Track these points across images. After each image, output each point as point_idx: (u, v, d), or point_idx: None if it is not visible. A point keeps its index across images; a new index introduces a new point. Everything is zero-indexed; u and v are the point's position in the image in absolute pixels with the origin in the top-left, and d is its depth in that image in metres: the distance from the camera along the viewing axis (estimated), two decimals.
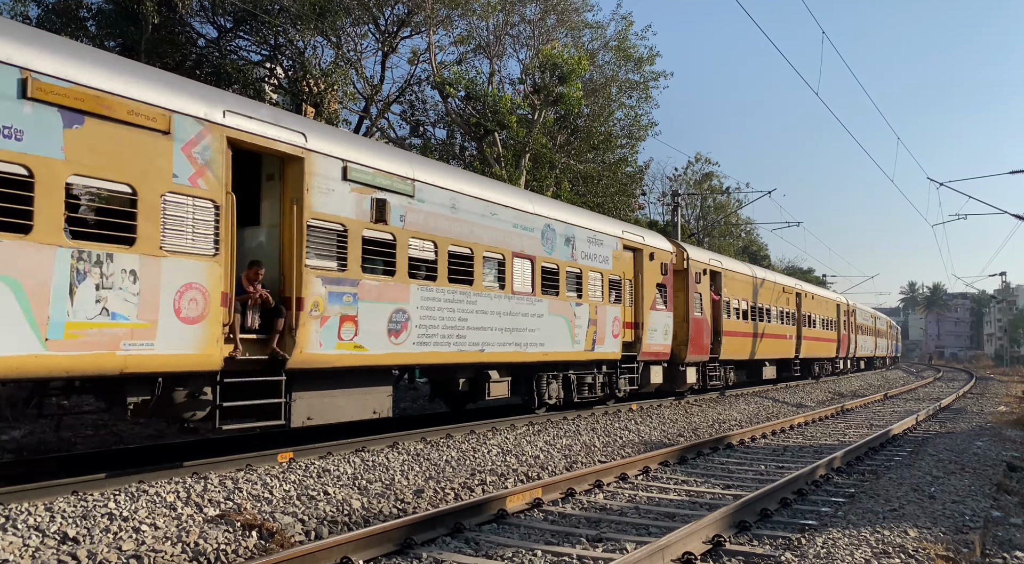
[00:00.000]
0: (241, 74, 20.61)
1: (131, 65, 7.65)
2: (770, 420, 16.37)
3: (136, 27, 18.09)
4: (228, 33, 21.53)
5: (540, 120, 23.72)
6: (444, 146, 26.44)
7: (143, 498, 6.55)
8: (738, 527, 6.60)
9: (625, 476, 9.10)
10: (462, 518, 6.55)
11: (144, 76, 7.45)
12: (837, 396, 25.25)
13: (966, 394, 28.32)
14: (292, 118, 9.20)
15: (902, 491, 8.09)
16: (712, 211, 50.84)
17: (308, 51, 21.28)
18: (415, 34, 24.06)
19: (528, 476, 9.08)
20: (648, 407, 17.13)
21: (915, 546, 5.79)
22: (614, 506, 7.69)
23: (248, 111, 8.32)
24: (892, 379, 39.71)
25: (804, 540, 6.10)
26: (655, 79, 29.25)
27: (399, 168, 10.32)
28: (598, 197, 27.57)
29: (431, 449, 9.92)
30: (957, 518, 6.94)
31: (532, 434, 11.77)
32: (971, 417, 18.21)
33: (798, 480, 8.42)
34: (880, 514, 6.97)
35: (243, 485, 7.26)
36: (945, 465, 10.03)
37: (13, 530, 5.56)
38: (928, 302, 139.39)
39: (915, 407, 20.86)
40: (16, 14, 18.15)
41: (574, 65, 22.15)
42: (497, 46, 26.46)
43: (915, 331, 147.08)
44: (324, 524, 6.55)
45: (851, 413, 18.83)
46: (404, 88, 25.01)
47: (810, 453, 11.61)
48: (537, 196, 14.75)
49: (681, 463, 10.40)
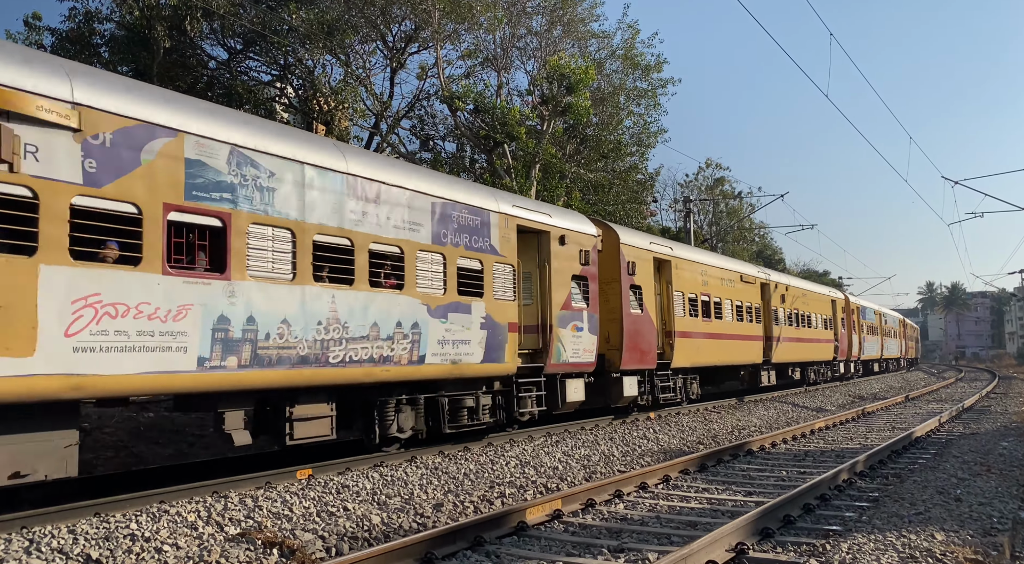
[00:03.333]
0: (252, 94, 20.86)
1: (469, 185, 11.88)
2: (790, 425, 16.21)
3: (148, 52, 18.38)
4: (238, 54, 21.81)
5: (549, 130, 23.79)
6: (454, 159, 26.57)
7: (164, 518, 6.58)
8: (761, 534, 6.53)
9: (645, 485, 9.04)
10: (482, 531, 6.52)
11: (475, 190, 11.70)
12: (858, 399, 24.98)
13: (989, 394, 27.93)
14: (560, 210, 13.99)
15: (927, 494, 7.98)
16: (725, 216, 50.70)
17: (317, 70, 21.50)
18: (423, 49, 24.26)
19: (547, 488, 9.04)
20: (667, 415, 17.02)
21: (943, 550, 5.70)
22: (635, 516, 7.63)
23: (522, 203, 12.82)
24: (913, 381, 39.26)
25: (829, 546, 6.02)
26: (663, 86, 29.31)
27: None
28: (609, 205, 27.58)
29: (449, 462, 9.90)
30: (984, 520, 6.83)
31: (550, 445, 11.72)
32: (995, 417, 17.95)
33: (821, 485, 8.32)
34: (906, 518, 6.87)
35: (263, 503, 7.27)
36: (970, 467, 9.88)
37: (37, 553, 5.59)
38: (947, 302, 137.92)
39: (938, 408, 20.59)
40: (31, 43, 18.48)
41: (581, 75, 22.22)
42: (504, 59, 26.59)
43: (935, 331, 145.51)
44: (344, 540, 6.54)
45: (872, 416, 18.61)
46: (413, 103, 25.20)
47: (832, 457, 11.48)
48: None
49: (701, 471, 10.31)
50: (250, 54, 21.89)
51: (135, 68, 18.56)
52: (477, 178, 24.63)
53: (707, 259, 20.49)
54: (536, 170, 23.66)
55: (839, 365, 32.60)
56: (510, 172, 23.29)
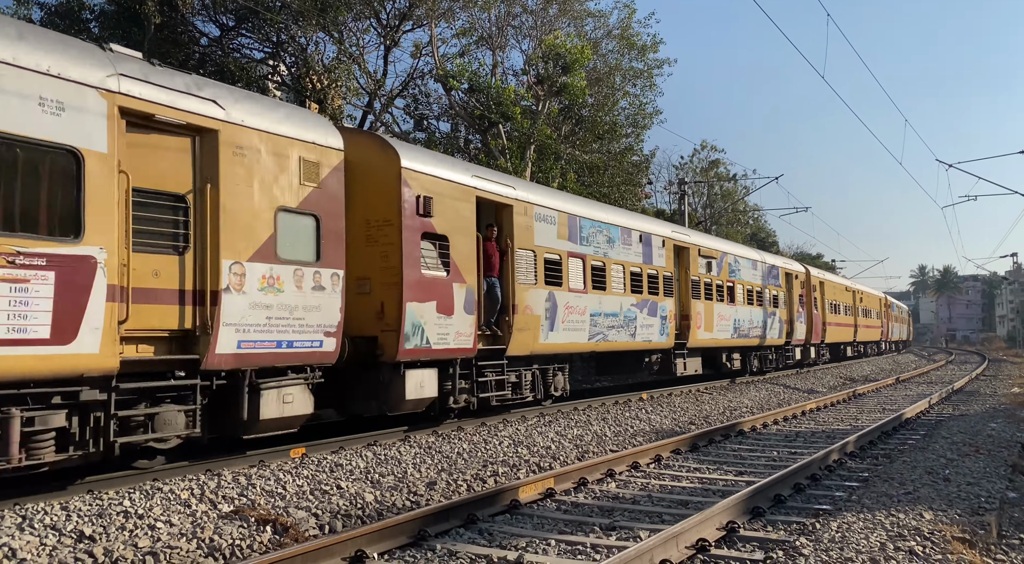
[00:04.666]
0: (244, 72, 20.63)
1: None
2: (781, 406, 16.32)
3: (139, 27, 18.13)
4: (230, 31, 21.53)
5: (544, 111, 23.64)
6: (448, 139, 26.41)
7: (157, 496, 6.59)
8: (752, 513, 6.59)
9: (637, 465, 9.09)
10: (475, 509, 6.56)
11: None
12: (849, 381, 25.16)
13: (979, 376, 28.16)
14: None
15: (916, 474, 8.05)
16: (719, 199, 50.66)
17: (310, 47, 21.29)
18: (417, 27, 24.00)
19: (540, 466, 9.08)
20: (659, 396, 17.10)
21: (931, 529, 5.76)
22: (627, 495, 7.68)
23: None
24: (904, 363, 39.53)
25: (819, 525, 6.07)
26: (659, 67, 29.17)
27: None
28: (604, 187, 27.50)
29: (443, 442, 9.94)
30: (973, 500, 6.91)
31: (543, 425, 11.77)
32: (984, 399, 18.11)
33: (811, 465, 8.39)
34: (895, 497, 6.93)
35: (256, 481, 7.29)
36: (959, 447, 9.98)
37: (30, 530, 5.60)
38: (939, 285, 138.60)
39: (928, 390, 20.75)
40: (20, 17, 18.20)
41: (577, 54, 22.05)
42: (499, 37, 26.37)
43: (926, 314, 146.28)
44: (338, 518, 6.57)
45: (863, 398, 18.75)
46: (407, 82, 24.98)
47: (823, 438, 11.57)
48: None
49: (693, 451, 10.38)
50: (242, 31, 21.61)
51: (126, 44, 18.30)
52: (472, 159, 24.50)
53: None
54: (531, 151, 23.54)
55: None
56: (505, 153, 23.18)
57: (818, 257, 74.75)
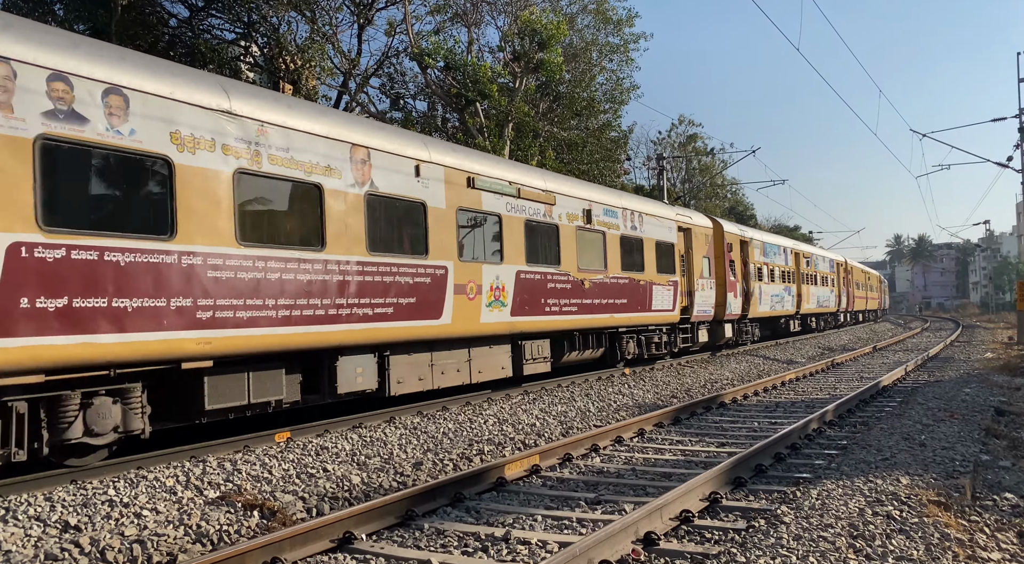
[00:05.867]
0: (216, 54, 20.27)
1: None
2: (761, 378, 16.54)
3: (105, 9, 17.72)
4: (200, 12, 21.12)
5: (522, 88, 23.50)
6: (425, 118, 26.20)
7: (143, 484, 6.57)
8: (734, 483, 6.70)
9: (621, 439, 9.20)
10: (462, 488, 6.61)
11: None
12: (827, 351, 25.53)
13: (953, 343, 28.68)
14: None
15: (893, 440, 8.22)
16: (697, 173, 50.82)
17: (283, 27, 20.95)
18: (391, 5, 23.71)
19: (525, 444, 9.16)
20: (641, 371, 17.26)
21: (907, 493, 5.90)
22: (611, 469, 7.78)
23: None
24: (880, 332, 40.14)
25: (799, 493, 6.19)
26: (635, 41, 29.09)
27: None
28: (583, 164, 27.48)
29: (428, 422, 9.99)
30: (948, 464, 7.07)
31: (527, 403, 11.85)
32: (959, 365, 18.47)
33: (791, 435, 8.53)
34: (872, 464, 7.08)
35: (242, 466, 7.29)
36: (935, 413, 10.19)
37: (14, 521, 5.57)
38: (914, 254, 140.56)
39: (904, 358, 21.12)
40: None
41: (553, 30, 21.91)
42: (475, 14, 26.11)
43: (902, 283, 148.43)
44: (325, 501, 6.60)
45: (841, 367, 19.05)
46: (382, 61, 24.72)
47: (802, 408, 11.76)
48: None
49: (675, 424, 10.51)
50: (212, 11, 21.20)
51: (92, 27, 17.90)
52: (450, 137, 24.33)
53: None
54: (509, 129, 23.43)
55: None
56: (483, 131, 23.06)
57: (796, 229, 75.39)
